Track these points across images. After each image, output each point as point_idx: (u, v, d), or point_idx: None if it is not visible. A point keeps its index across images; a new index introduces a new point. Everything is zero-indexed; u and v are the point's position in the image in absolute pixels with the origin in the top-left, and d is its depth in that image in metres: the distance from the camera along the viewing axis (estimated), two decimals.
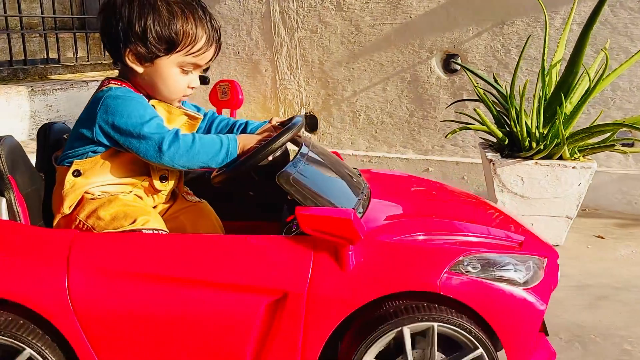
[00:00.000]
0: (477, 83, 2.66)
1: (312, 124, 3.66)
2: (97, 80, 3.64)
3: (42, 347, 1.18)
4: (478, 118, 2.62)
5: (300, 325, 1.15)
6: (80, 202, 1.40)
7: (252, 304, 1.16)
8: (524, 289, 1.18)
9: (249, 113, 3.77)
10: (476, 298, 1.16)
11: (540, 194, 2.38)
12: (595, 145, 2.34)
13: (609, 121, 2.50)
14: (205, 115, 1.61)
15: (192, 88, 1.44)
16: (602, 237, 2.54)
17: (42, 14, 3.61)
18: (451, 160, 3.27)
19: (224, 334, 1.18)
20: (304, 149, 1.36)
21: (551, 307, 1.86)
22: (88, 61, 3.90)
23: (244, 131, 1.57)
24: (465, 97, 3.15)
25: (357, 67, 3.44)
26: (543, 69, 2.48)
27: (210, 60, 1.44)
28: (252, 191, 1.53)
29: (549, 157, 2.35)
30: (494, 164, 2.40)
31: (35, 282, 1.16)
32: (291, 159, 1.47)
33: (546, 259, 1.25)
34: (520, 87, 2.53)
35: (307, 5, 3.49)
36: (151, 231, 1.31)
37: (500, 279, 1.18)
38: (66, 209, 1.40)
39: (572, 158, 2.35)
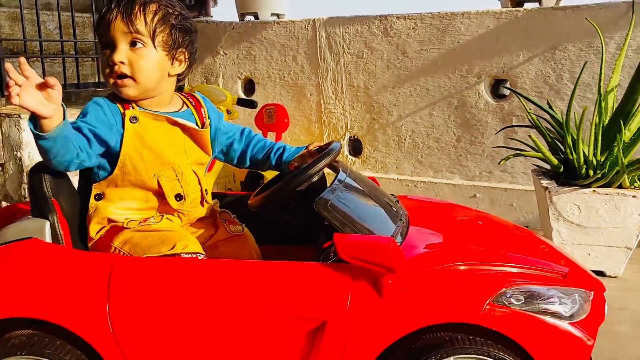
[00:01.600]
0: (530, 109, 2.62)
1: (356, 147, 3.66)
2: None
3: None
4: (529, 144, 2.58)
5: (339, 355, 1.13)
6: (112, 230, 1.40)
7: (291, 331, 1.16)
8: (570, 322, 1.15)
9: (294, 137, 3.78)
10: (520, 331, 1.13)
11: (598, 223, 2.32)
12: None
13: None
14: (242, 133, 1.60)
15: (114, 64, 1.34)
16: None
17: (95, 39, 3.70)
18: (499, 187, 3.22)
19: None
20: (342, 175, 1.35)
21: (612, 342, 1.80)
22: None
23: (280, 157, 1.56)
24: (514, 123, 3.11)
25: (403, 92, 3.43)
26: (599, 95, 2.43)
27: (109, 26, 1.34)
28: (287, 215, 1.53)
29: (607, 185, 2.29)
30: (549, 191, 2.35)
31: (76, 305, 1.18)
32: (328, 184, 1.46)
33: (592, 292, 1.21)
34: (575, 114, 2.48)
35: (353, 31, 3.51)
36: (189, 255, 1.30)
37: (545, 312, 1.15)
38: (92, 233, 1.41)
39: (632, 187, 2.28)
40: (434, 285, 1.15)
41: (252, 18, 3.95)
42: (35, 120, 1.19)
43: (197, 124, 1.47)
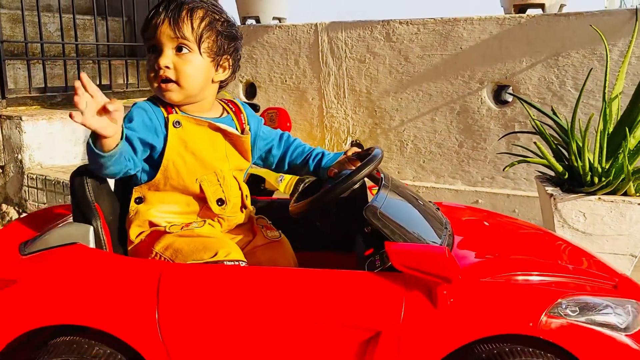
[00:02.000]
0: (537, 116, 2.62)
1: None
2: None
3: None
4: (532, 150, 2.58)
5: None
6: (153, 234, 1.40)
7: (344, 341, 1.13)
8: (626, 335, 1.13)
9: None
10: (578, 343, 1.10)
11: (603, 230, 2.32)
12: None
13: None
14: (280, 138, 1.60)
15: (160, 68, 1.35)
16: None
17: (96, 41, 3.69)
18: (502, 193, 3.21)
19: None
20: (386, 182, 1.34)
21: None
22: (138, 87, 3.97)
23: (319, 163, 1.55)
24: (517, 129, 3.11)
25: (405, 97, 3.43)
26: (604, 101, 2.44)
27: (156, 30, 1.35)
28: (327, 222, 1.52)
29: (612, 192, 2.29)
30: (554, 198, 2.35)
31: (125, 312, 1.16)
32: (368, 190, 1.45)
33: None
34: (580, 121, 2.48)
35: (355, 36, 3.51)
36: (232, 262, 1.29)
37: (601, 324, 1.13)
38: (133, 236, 1.40)
39: (637, 194, 2.28)
40: (490, 296, 1.13)
41: (253, 22, 3.95)
42: (96, 138, 1.20)
43: (237, 130, 1.48)
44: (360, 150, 1.54)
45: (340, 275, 1.17)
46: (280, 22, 3.95)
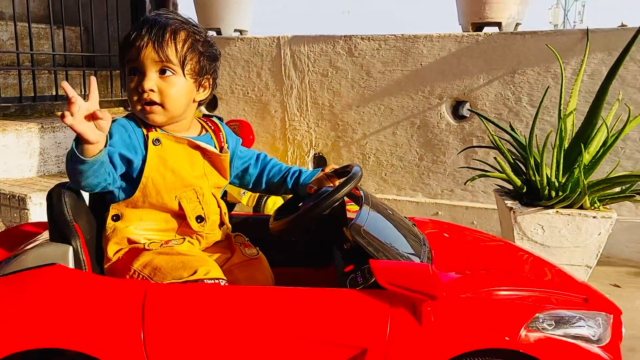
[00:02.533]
0: (494, 131, 2.72)
1: (321, 164, 3.68)
2: None
3: None
4: (490, 164, 2.67)
5: None
6: (131, 252, 1.39)
7: (330, 359, 1.15)
8: (598, 346, 1.19)
9: None
10: (555, 356, 1.16)
11: (561, 242, 2.41)
12: (616, 195, 2.39)
13: (621, 171, 2.57)
14: (257, 158, 1.61)
15: (144, 91, 1.35)
16: (618, 286, 2.57)
17: (52, 51, 3.60)
18: (461, 205, 3.31)
19: None
20: (367, 200, 1.37)
21: None
22: None
23: (296, 181, 1.57)
24: (474, 144, 3.21)
25: (367, 111, 3.48)
26: (560, 118, 2.55)
27: (140, 53, 1.34)
28: (302, 237, 1.54)
29: (569, 206, 2.39)
30: (514, 212, 2.43)
31: (111, 334, 1.14)
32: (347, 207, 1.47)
33: (612, 315, 1.26)
34: (537, 137, 2.58)
35: (318, 50, 3.55)
36: (212, 281, 1.30)
37: (575, 337, 1.18)
38: (110, 254, 1.39)
39: (592, 208, 2.39)
40: (471, 312, 1.17)
41: (214, 34, 3.93)
42: (78, 143, 1.19)
43: (216, 149, 1.48)
44: (336, 167, 1.57)
45: (326, 293, 1.19)
46: (241, 34, 3.95)
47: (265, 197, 3.24)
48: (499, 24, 3.25)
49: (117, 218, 1.40)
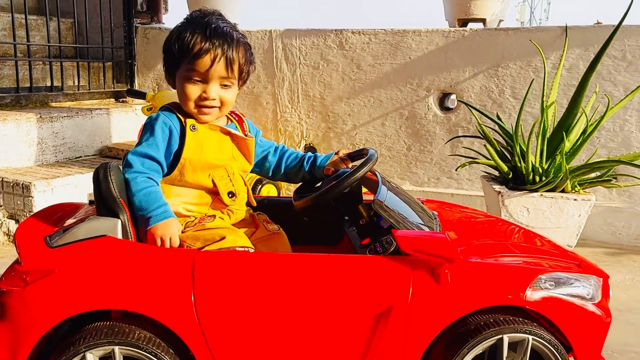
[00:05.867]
0: (482, 121, 2.89)
1: None
2: (99, 108, 3.69)
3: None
4: (478, 152, 2.84)
5: (403, 335, 1.29)
6: None
7: (361, 316, 1.29)
8: (592, 303, 1.36)
9: None
10: (556, 312, 1.32)
11: (544, 223, 2.60)
12: (594, 180, 2.58)
13: (596, 158, 2.77)
14: (276, 148, 1.74)
15: (208, 99, 1.50)
16: None
17: (48, 42, 3.65)
18: (446, 192, 3.48)
19: (336, 342, 1.31)
20: (384, 180, 1.51)
21: None
22: (88, 89, 3.94)
23: (313, 165, 1.70)
24: (460, 134, 3.38)
25: (357, 103, 3.63)
26: (542, 109, 2.73)
27: (209, 68, 1.48)
28: (321, 215, 1.67)
29: (552, 190, 2.58)
30: (502, 195, 2.61)
31: (164, 297, 1.26)
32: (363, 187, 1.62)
33: (602, 279, 1.43)
34: (521, 126, 2.77)
35: (309, 43, 3.68)
36: (242, 248, 1.43)
37: (573, 295, 1.35)
38: None
39: (573, 191, 2.58)
40: (483, 274, 1.33)
41: None
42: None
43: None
44: (349, 151, 1.70)
45: (358, 259, 1.34)
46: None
47: (260, 186, 3.37)
48: (483, 20, 3.43)
49: None
